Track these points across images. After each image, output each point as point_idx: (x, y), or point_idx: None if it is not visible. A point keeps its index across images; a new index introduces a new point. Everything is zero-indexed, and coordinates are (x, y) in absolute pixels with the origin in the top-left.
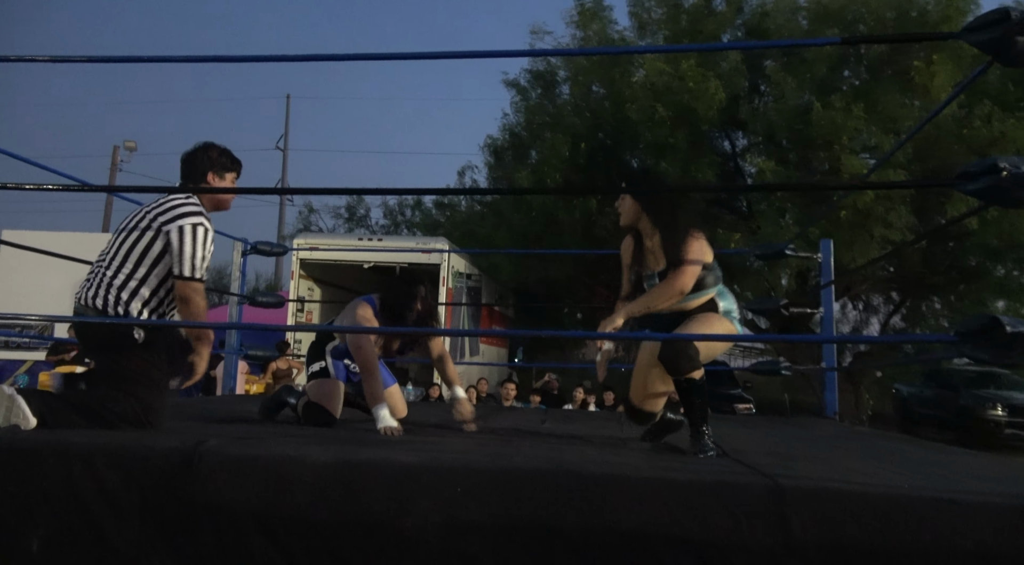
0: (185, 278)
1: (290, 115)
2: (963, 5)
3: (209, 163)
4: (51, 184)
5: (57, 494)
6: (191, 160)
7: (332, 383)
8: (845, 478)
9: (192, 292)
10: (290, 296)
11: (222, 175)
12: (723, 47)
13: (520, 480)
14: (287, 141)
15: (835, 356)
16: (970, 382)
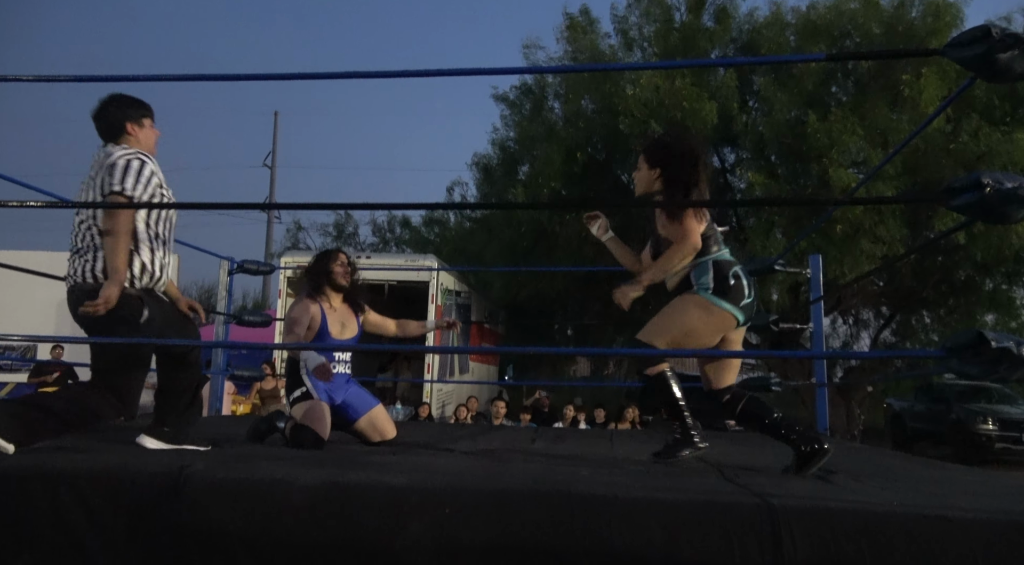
0: (114, 192)
1: (278, 132)
2: (950, 19)
3: (124, 115)
4: (33, 201)
5: (43, 518)
6: (105, 117)
7: (317, 404)
8: (837, 496)
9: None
10: (277, 315)
11: (140, 122)
12: (711, 63)
13: (510, 501)
14: (275, 158)
15: (826, 371)
16: (961, 396)
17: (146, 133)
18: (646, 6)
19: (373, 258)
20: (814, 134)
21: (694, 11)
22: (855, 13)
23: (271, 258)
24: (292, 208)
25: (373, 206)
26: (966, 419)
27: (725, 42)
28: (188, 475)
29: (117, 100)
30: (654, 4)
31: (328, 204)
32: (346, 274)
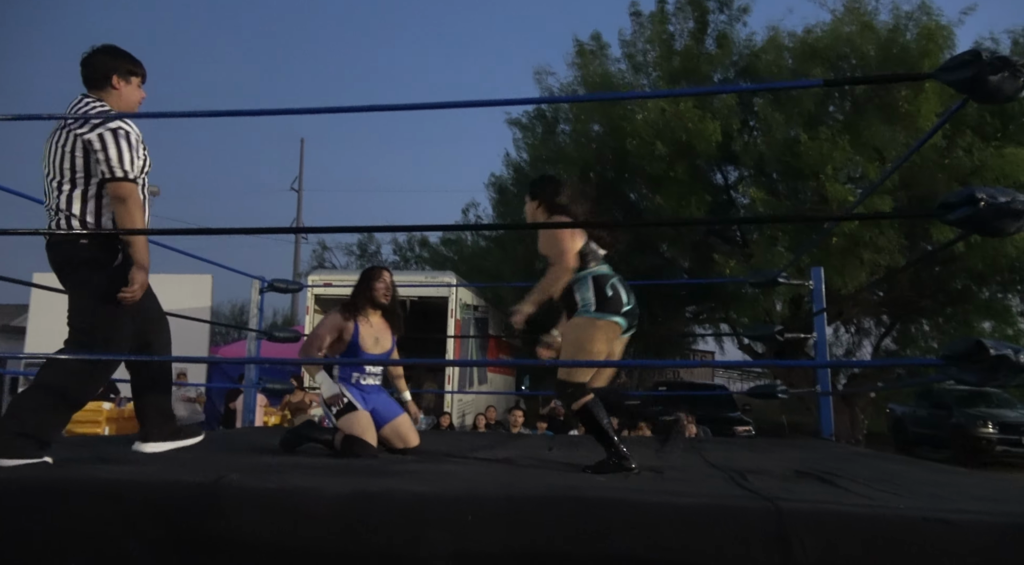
0: (116, 179)
1: (304, 157)
2: (942, 41)
3: (113, 65)
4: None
5: (87, 528)
6: (93, 63)
7: (362, 415)
8: (844, 499)
9: (125, 193)
10: (306, 330)
11: (128, 78)
12: (713, 91)
13: (528, 508)
14: (301, 182)
15: (829, 379)
16: (961, 401)
17: (131, 90)
18: (650, 33)
19: (395, 275)
20: (807, 153)
21: (695, 36)
22: (851, 36)
23: (298, 277)
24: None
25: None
26: (966, 423)
27: (726, 66)
28: (223, 486)
29: (109, 50)
30: (657, 30)
31: (352, 227)
32: (387, 292)
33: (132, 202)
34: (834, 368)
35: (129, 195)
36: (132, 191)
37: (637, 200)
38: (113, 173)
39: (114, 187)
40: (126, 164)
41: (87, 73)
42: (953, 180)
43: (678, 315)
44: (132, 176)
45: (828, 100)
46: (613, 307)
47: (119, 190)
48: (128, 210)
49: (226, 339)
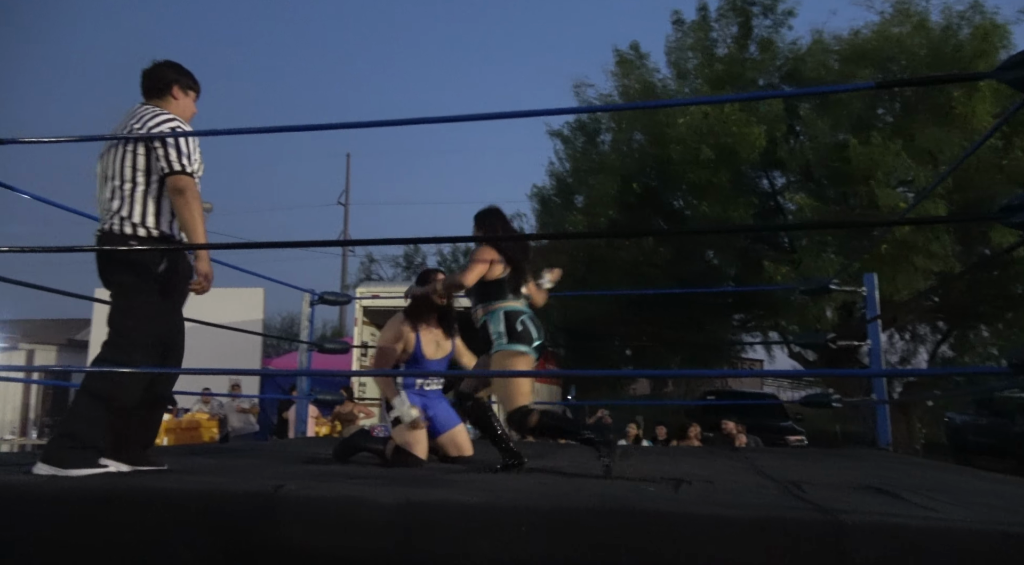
0: (174, 172)
1: (351, 171)
2: (998, 40)
3: (175, 76)
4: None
5: (146, 537)
6: (155, 74)
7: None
8: (904, 511)
9: (184, 186)
10: (354, 342)
11: (186, 91)
12: (761, 96)
13: (580, 519)
14: (348, 196)
15: (885, 388)
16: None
17: (187, 102)
18: (692, 40)
19: None
20: (857, 157)
21: (738, 42)
22: (901, 37)
23: (346, 289)
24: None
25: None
26: None
27: (770, 71)
28: (280, 496)
29: (171, 64)
30: (699, 37)
31: (398, 239)
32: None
33: (190, 194)
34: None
35: (187, 187)
36: (190, 184)
37: (681, 208)
38: (172, 167)
39: (173, 180)
40: (184, 159)
41: (149, 83)
42: (1011, 182)
43: (725, 323)
44: (190, 170)
45: (877, 103)
46: (524, 340)
47: (178, 183)
48: (187, 201)
49: (277, 351)
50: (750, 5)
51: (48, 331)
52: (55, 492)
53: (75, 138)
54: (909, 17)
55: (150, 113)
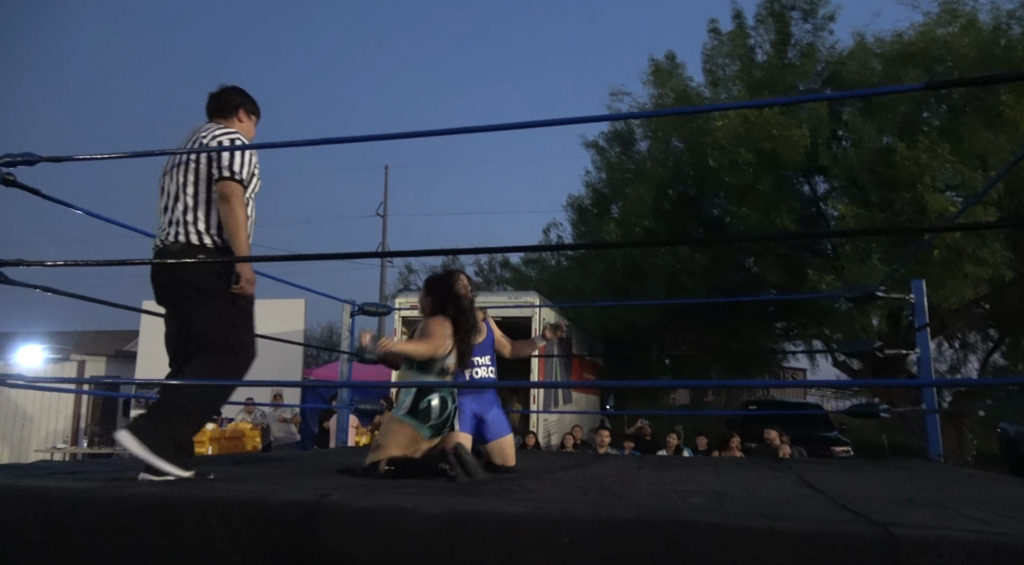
0: (223, 178)
1: (388, 183)
2: None
3: (241, 101)
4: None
5: (194, 543)
6: (223, 97)
7: (458, 436)
8: (961, 526)
9: (230, 191)
10: None
11: (250, 115)
12: (806, 99)
13: (626, 530)
14: (386, 207)
15: (935, 398)
16: None
17: (249, 126)
18: (729, 48)
19: (479, 296)
20: (903, 162)
21: (777, 48)
22: (948, 38)
23: (385, 300)
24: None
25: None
26: None
27: (811, 75)
28: (324, 505)
29: (239, 89)
30: (736, 44)
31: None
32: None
33: (235, 200)
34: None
35: (233, 194)
36: (236, 190)
37: (720, 215)
38: (221, 172)
39: (220, 185)
40: (235, 165)
41: (217, 105)
42: None
43: (766, 332)
44: (239, 178)
45: (923, 106)
46: (421, 418)
47: (224, 188)
48: (231, 207)
49: (317, 361)
50: (789, 10)
51: (98, 343)
52: (107, 499)
53: (127, 154)
54: (956, 17)
55: (216, 128)
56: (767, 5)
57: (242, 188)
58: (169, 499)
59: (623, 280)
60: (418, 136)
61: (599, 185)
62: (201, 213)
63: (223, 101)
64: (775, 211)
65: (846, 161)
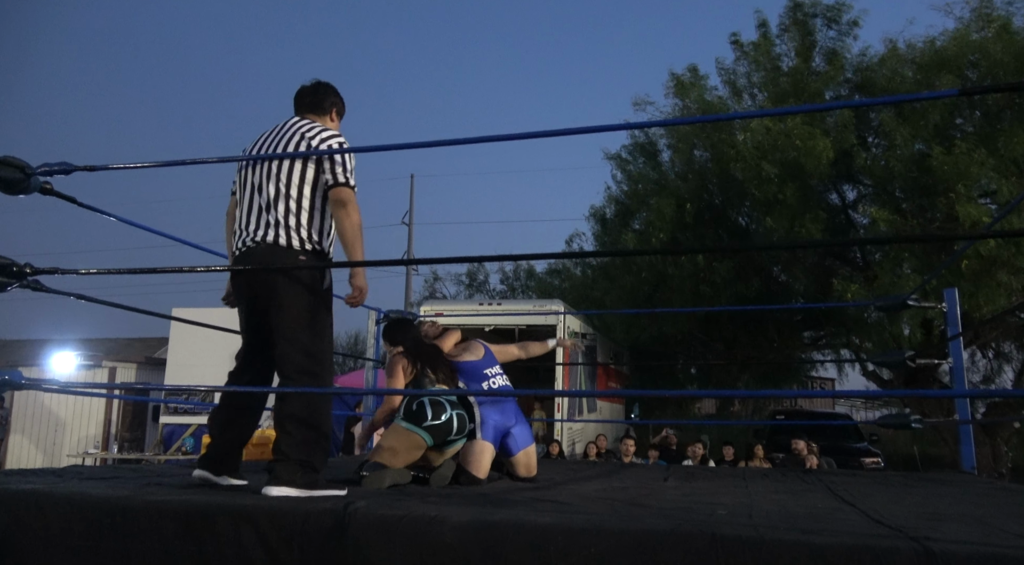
0: (340, 184)
1: (414, 192)
2: None
3: (336, 100)
4: (216, 266)
5: (227, 551)
6: (320, 93)
7: (479, 445)
8: (1002, 542)
9: (348, 198)
10: None
11: (339, 117)
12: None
13: (654, 543)
14: (412, 216)
15: (968, 409)
16: None
17: (337, 126)
18: (754, 56)
19: (504, 304)
20: (940, 168)
21: (802, 55)
22: (981, 43)
23: (410, 307)
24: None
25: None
26: None
27: (838, 82)
28: (352, 513)
29: (334, 88)
30: (761, 53)
31: (461, 258)
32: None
33: (352, 207)
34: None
35: (350, 200)
36: (352, 197)
37: (747, 224)
38: (336, 179)
39: (337, 192)
40: (349, 171)
41: (313, 100)
42: None
43: (794, 341)
44: (353, 184)
45: (956, 112)
46: (415, 420)
47: (341, 195)
48: (347, 214)
49: (343, 368)
50: (812, 18)
51: (129, 350)
52: (143, 506)
53: (162, 163)
54: (991, 22)
55: (321, 128)
56: (790, 14)
57: (354, 193)
58: (203, 507)
59: (649, 289)
60: (441, 145)
61: (621, 197)
62: (305, 218)
63: (319, 97)
64: (800, 220)
65: (878, 166)
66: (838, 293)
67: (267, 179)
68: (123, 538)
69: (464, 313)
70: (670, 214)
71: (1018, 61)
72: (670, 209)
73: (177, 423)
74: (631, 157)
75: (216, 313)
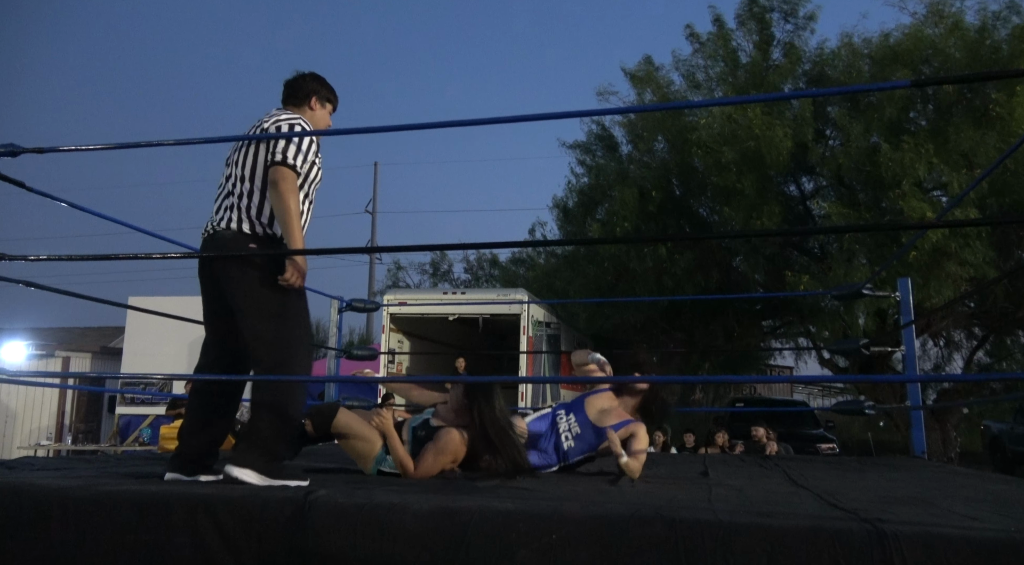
0: (276, 163)
1: (378, 180)
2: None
3: (316, 87)
4: (174, 253)
5: (183, 541)
6: (296, 83)
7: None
8: (949, 522)
9: (280, 176)
10: (382, 349)
11: (323, 103)
12: (789, 96)
13: (616, 527)
14: (375, 204)
15: (920, 395)
16: None
17: (323, 114)
18: (712, 50)
19: (468, 293)
20: (886, 163)
21: (760, 48)
22: (934, 39)
23: (374, 296)
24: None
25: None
26: None
27: (796, 75)
28: (311, 502)
29: (316, 76)
30: (719, 46)
31: (424, 246)
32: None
33: (284, 186)
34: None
35: (283, 179)
36: (288, 176)
37: (707, 215)
38: (274, 158)
39: (272, 171)
40: (289, 152)
41: (289, 91)
42: None
43: (754, 330)
44: (291, 163)
45: (910, 106)
46: None
47: (275, 173)
48: (279, 193)
49: None
50: (769, 12)
51: (83, 339)
52: (96, 495)
53: (113, 146)
54: (943, 18)
55: (281, 114)
56: (746, 7)
57: (295, 175)
58: (158, 496)
59: (612, 279)
60: (404, 129)
61: (583, 187)
62: (255, 200)
63: (296, 87)
64: (758, 212)
65: (834, 160)
66: (791, 284)
67: (232, 168)
68: (75, 529)
69: (428, 302)
70: (633, 204)
71: (969, 56)
72: (632, 199)
73: (134, 414)
74: (591, 147)
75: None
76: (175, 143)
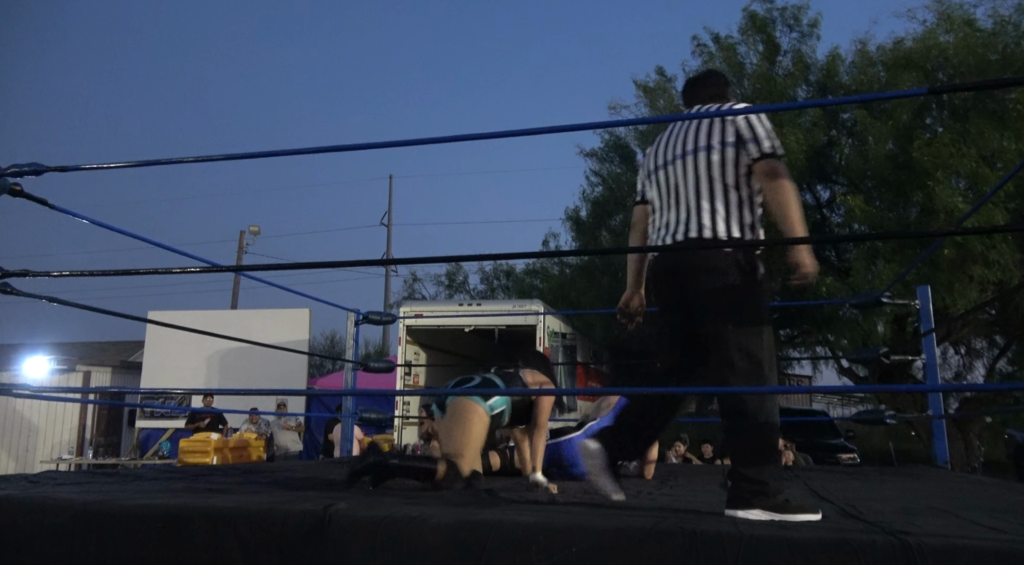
0: (767, 155)
1: (393, 193)
2: None
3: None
4: (192, 267)
5: (204, 553)
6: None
7: None
8: (975, 533)
9: (779, 166)
10: (398, 361)
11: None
12: (811, 105)
13: (636, 540)
14: (391, 217)
15: (942, 404)
16: None
17: None
18: (719, 62)
19: (484, 305)
20: (920, 158)
21: (767, 57)
22: (946, 45)
23: (389, 308)
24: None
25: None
26: None
27: (809, 82)
28: (332, 514)
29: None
30: (726, 55)
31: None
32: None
33: (785, 176)
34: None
35: (784, 172)
36: (785, 169)
37: None
38: (762, 149)
39: (764, 164)
40: (776, 142)
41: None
42: None
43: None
44: (781, 153)
45: (925, 112)
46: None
47: (770, 165)
48: (782, 185)
49: (321, 371)
50: (772, 23)
51: (103, 354)
52: (118, 510)
53: (136, 163)
54: (954, 24)
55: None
56: (748, 20)
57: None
58: (180, 510)
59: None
60: (418, 144)
61: (597, 197)
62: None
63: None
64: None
65: (853, 163)
66: (810, 291)
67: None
68: (97, 543)
69: (444, 313)
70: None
71: (982, 62)
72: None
73: (154, 427)
74: (606, 157)
75: (192, 315)
76: (195, 160)
